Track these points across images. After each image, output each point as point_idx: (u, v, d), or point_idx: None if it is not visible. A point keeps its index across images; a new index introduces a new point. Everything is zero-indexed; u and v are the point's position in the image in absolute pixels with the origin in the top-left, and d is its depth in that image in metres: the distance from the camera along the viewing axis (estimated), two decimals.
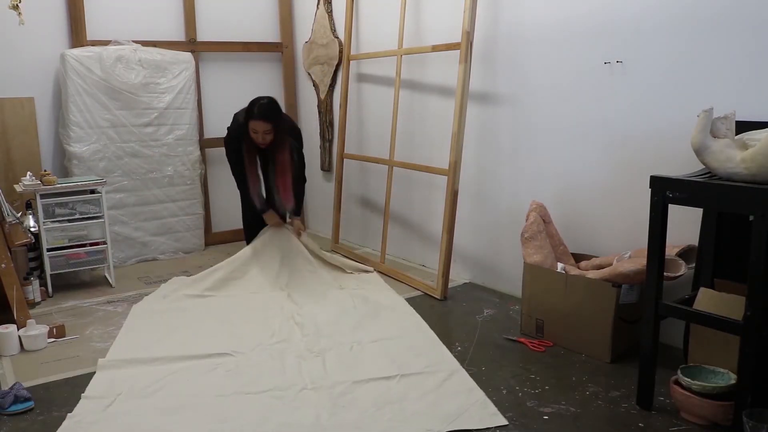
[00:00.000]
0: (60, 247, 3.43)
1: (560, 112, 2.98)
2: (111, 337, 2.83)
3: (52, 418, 2.13)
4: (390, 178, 3.80)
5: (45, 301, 3.36)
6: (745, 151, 1.89)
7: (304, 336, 2.74)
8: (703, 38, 2.40)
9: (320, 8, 4.47)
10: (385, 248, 3.85)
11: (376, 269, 3.77)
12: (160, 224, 4.18)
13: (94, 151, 3.87)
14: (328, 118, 4.59)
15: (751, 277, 1.80)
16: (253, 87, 4.72)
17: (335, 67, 4.41)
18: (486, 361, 2.52)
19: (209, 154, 4.54)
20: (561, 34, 2.92)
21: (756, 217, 1.78)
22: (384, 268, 3.77)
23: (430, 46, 3.49)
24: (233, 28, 4.59)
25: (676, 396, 2.06)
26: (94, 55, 3.82)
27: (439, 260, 3.31)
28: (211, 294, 3.35)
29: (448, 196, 3.26)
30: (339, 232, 4.39)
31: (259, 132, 3.27)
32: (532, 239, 2.76)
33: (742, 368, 1.86)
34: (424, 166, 3.59)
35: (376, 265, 3.81)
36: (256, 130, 3.27)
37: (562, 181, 3.02)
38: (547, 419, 2.08)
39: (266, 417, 2.09)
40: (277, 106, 3.39)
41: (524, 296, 2.81)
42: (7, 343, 2.67)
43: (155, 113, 4.04)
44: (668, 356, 2.40)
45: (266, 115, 3.26)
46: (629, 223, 2.72)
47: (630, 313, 2.50)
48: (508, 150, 3.27)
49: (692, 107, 2.20)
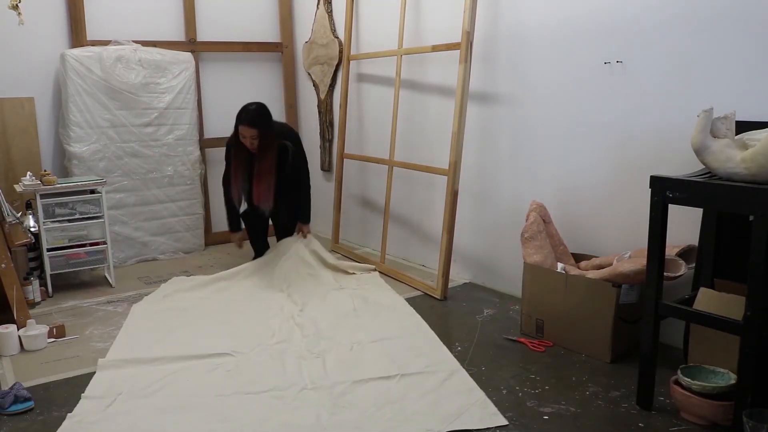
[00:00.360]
0: (60, 247, 3.43)
1: (560, 111, 2.98)
2: (111, 337, 2.83)
3: (52, 418, 2.13)
4: (390, 178, 3.81)
5: (45, 301, 3.36)
6: (745, 151, 1.89)
7: (304, 337, 2.74)
8: (703, 38, 2.40)
9: (320, 8, 4.47)
10: (385, 248, 3.86)
11: (376, 269, 3.77)
12: (160, 224, 4.17)
13: (94, 151, 3.87)
14: (328, 118, 4.59)
15: (751, 277, 1.80)
16: (253, 87, 4.74)
17: (335, 67, 4.41)
18: (486, 361, 2.52)
19: (209, 154, 4.54)
20: (561, 34, 2.92)
21: (756, 217, 1.78)
22: (384, 268, 3.77)
23: (430, 46, 3.49)
24: (233, 28, 4.59)
25: (676, 396, 2.06)
26: (94, 55, 3.82)
27: (439, 260, 3.31)
28: (211, 294, 3.36)
29: (448, 196, 3.26)
30: (339, 232, 4.39)
31: (246, 137, 3.38)
32: (532, 239, 2.76)
33: (742, 368, 1.86)
34: (424, 166, 3.59)
35: (375, 265, 3.81)
36: (244, 135, 3.39)
37: (562, 181, 3.02)
38: (547, 419, 2.08)
39: (266, 417, 2.09)
40: (265, 113, 3.45)
41: (524, 296, 2.81)
42: (7, 343, 2.67)
43: (155, 113, 4.04)
44: (668, 356, 2.40)
45: (252, 120, 3.36)
46: (629, 223, 2.72)
47: (630, 313, 2.50)
48: (508, 150, 3.27)
49: (692, 107, 2.20)
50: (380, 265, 3.82)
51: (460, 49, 3.18)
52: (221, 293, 3.37)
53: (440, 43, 3.40)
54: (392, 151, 3.77)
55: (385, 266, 3.80)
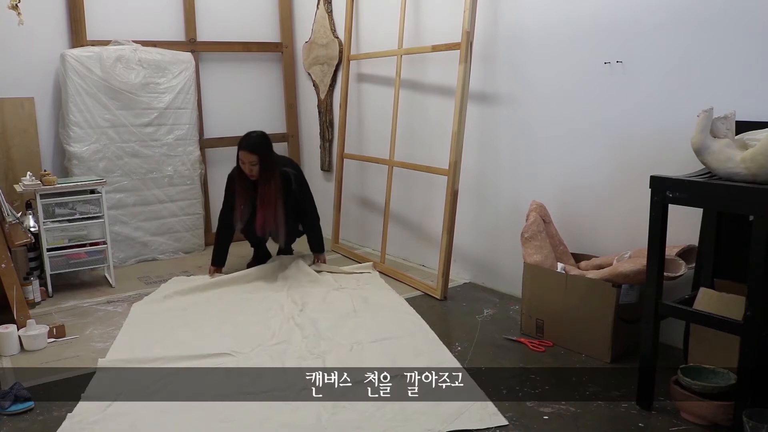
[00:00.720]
0: (60, 247, 3.43)
1: (560, 112, 2.98)
2: (111, 337, 2.83)
3: (52, 418, 2.13)
4: (390, 178, 3.80)
5: (45, 301, 3.36)
6: (746, 151, 1.89)
7: (304, 338, 2.73)
8: (703, 38, 2.40)
9: (320, 8, 4.47)
10: (385, 248, 3.86)
11: (376, 269, 3.77)
12: (160, 224, 4.17)
13: (94, 151, 3.87)
14: (328, 118, 4.59)
15: (751, 277, 1.80)
16: (253, 87, 4.74)
17: (335, 67, 4.41)
18: (486, 361, 2.52)
19: (209, 154, 4.54)
20: (561, 34, 2.92)
21: (756, 217, 1.78)
22: (384, 268, 3.77)
23: (430, 46, 3.49)
24: (233, 28, 4.59)
25: (676, 396, 2.06)
26: (94, 55, 3.82)
27: (439, 260, 3.31)
28: (211, 294, 3.36)
29: (448, 196, 3.26)
30: (339, 232, 4.39)
31: (246, 162, 3.45)
32: (532, 239, 2.76)
33: (742, 368, 1.86)
34: (424, 166, 3.59)
35: (376, 265, 3.81)
36: (244, 161, 3.46)
37: (562, 181, 3.02)
38: (547, 419, 2.08)
39: (267, 417, 2.08)
40: (265, 140, 3.52)
41: (524, 296, 2.81)
42: (7, 343, 2.67)
43: (155, 113, 4.04)
44: (668, 356, 2.40)
45: (252, 147, 3.43)
46: (629, 223, 2.72)
47: (630, 313, 2.50)
48: (508, 150, 3.27)
49: (692, 107, 2.20)
50: (380, 265, 3.82)
51: (460, 49, 3.18)
52: (221, 294, 3.36)
53: (440, 43, 3.40)
54: (392, 151, 3.77)
55: (385, 266, 3.80)
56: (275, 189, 3.48)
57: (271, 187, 3.48)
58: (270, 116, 4.82)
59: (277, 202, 3.50)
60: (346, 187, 4.39)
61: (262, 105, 4.81)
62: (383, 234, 3.86)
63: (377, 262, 3.86)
